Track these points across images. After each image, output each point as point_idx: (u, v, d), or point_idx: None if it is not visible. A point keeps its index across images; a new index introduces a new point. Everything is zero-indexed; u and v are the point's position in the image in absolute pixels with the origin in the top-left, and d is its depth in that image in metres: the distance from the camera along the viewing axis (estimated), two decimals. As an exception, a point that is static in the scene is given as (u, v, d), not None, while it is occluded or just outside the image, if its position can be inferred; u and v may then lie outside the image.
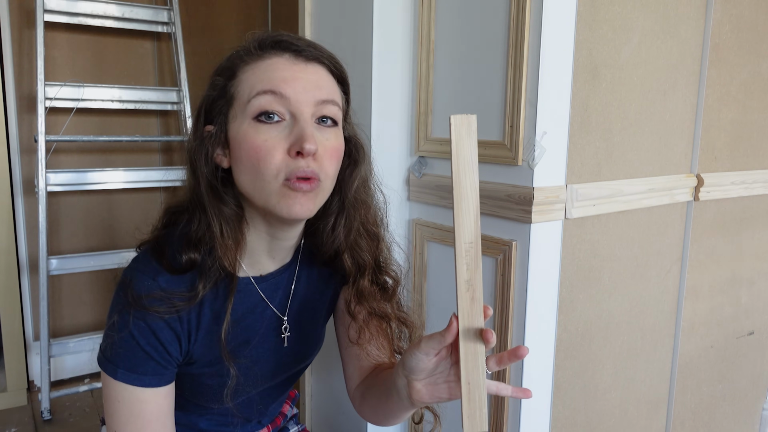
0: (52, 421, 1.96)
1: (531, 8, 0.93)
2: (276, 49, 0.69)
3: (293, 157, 0.65)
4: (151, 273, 0.70)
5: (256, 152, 0.65)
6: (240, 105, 0.67)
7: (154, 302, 0.68)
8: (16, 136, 2.09)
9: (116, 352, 0.69)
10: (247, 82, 0.67)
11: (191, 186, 0.71)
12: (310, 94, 0.67)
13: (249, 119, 0.66)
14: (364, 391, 0.84)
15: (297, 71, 0.67)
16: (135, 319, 0.69)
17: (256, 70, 0.68)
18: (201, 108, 0.71)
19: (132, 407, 0.70)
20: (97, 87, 2.11)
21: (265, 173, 0.65)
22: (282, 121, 0.66)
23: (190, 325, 0.72)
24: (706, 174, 1.30)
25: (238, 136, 0.67)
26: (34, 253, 2.13)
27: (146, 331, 0.69)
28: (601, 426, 1.20)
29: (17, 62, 2.08)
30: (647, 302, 1.25)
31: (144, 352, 0.69)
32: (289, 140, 0.65)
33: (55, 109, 2.04)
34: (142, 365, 0.70)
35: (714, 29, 1.25)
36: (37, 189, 1.91)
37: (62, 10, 2.01)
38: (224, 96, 0.69)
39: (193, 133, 0.72)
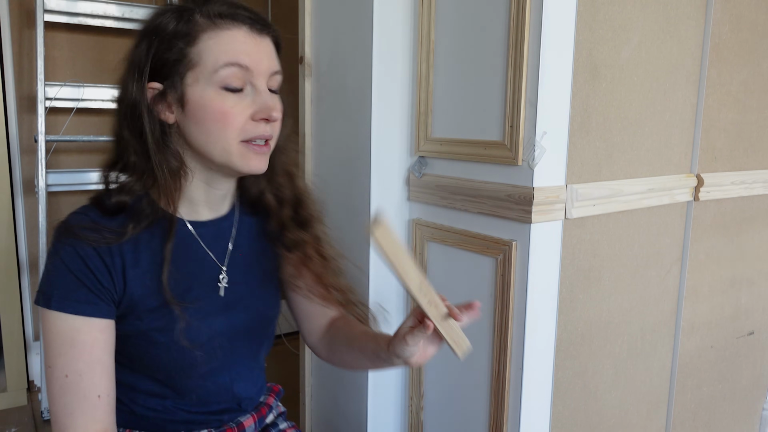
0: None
1: (531, 8, 0.93)
2: (234, 20, 0.74)
3: (256, 121, 0.75)
4: (84, 210, 0.76)
5: (224, 116, 0.73)
6: (204, 72, 0.73)
7: (84, 231, 0.73)
8: (16, 136, 2.09)
9: (49, 281, 0.72)
10: (210, 51, 0.73)
11: (130, 138, 0.75)
12: (265, 66, 0.76)
13: (215, 87, 0.73)
14: (332, 346, 0.94)
15: (254, 44, 0.75)
16: (65, 246, 0.72)
17: (219, 40, 0.73)
18: (143, 64, 0.74)
19: (65, 336, 0.72)
20: (97, 87, 2.10)
21: (228, 134, 0.74)
22: (243, 90, 0.75)
23: (123, 260, 0.76)
24: (706, 174, 1.30)
25: (201, 100, 0.73)
26: (34, 253, 2.13)
27: (75, 256, 0.73)
28: (601, 426, 1.20)
29: (17, 62, 2.08)
30: (647, 302, 1.25)
31: (75, 277, 0.72)
32: (253, 108, 0.75)
33: (55, 109, 2.04)
34: (74, 291, 0.72)
35: (714, 29, 1.25)
36: (37, 189, 1.91)
37: (62, 10, 2.01)
38: (183, 59, 0.73)
39: (133, 88, 0.74)
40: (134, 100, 0.74)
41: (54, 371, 0.73)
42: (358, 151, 1.20)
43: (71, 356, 0.72)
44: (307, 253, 0.90)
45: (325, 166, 1.32)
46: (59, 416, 0.73)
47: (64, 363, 0.72)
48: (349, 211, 1.24)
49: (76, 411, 0.73)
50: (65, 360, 0.72)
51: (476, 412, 1.11)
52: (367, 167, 1.17)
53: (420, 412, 1.25)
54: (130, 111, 0.74)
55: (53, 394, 0.73)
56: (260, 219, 0.91)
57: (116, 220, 0.75)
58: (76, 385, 0.72)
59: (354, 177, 1.22)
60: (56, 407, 0.73)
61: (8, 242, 2.00)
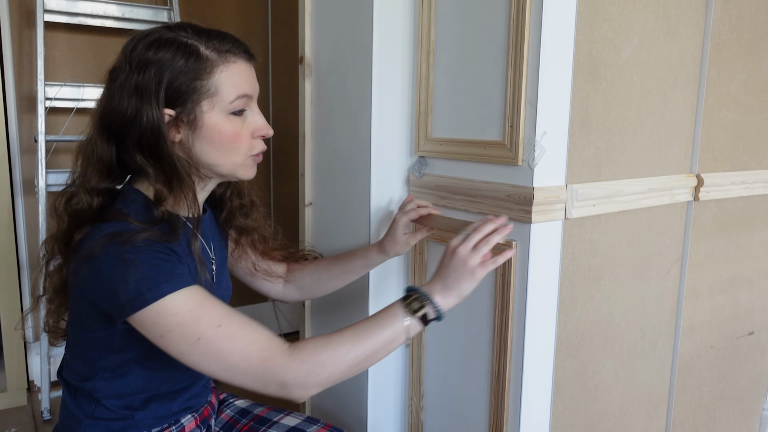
0: (52, 421, 1.96)
1: (531, 8, 0.93)
2: (237, 51, 0.86)
3: (255, 138, 0.89)
4: (122, 225, 0.80)
5: (236, 137, 0.86)
6: (220, 101, 0.84)
7: (138, 235, 0.78)
8: (16, 136, 2.09)
9: (143, 277, 0.75)
10: (224, 84, 0.84)
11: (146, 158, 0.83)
12: (257, 90, 0.90)
13: (227, 113, 0.85)
14: (304, 284, 1.15)
15: (251, 73, 0.89)
16: (145, 247, 0.77)
17: (232, 73, 0.85)
18: (156, 93, 0.81)
19: (192, 304, 0.76)
20: (97, 87, 2.10)
21: (239, 152, 0.87)
22: (244, 112, 0.87)
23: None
24: (706, 174, 1.30)
25: (216, 125, 0.85)
26: (34, 253, 2.13)
27: (153, 248, 0.78)
28: (601, 426, 1.20)
29: (17, 62, 2.08)
30: (647, 302, 1.25)
31: (167, 262, 0.78)
32: (253, 127, 0.88)
33: (55, 109, 2.04)
34: (172, 268, 0.77)
35: (714, 29, 1.25)
36: (37, 189, 1.91)
37: (62, 10, 2.01)
38: (199, 90, 0.83)
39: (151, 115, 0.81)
40: (154, 125, 0.81)
41: (206, 335, 0.76)
42: (358, 151, 1.20)
43: (207, 312, 0.77)
44: (253, 236, 1.08)
45: (325, 166, 1.32)
46: (246, 354, 0.76)
47: (207, 321, 0.76)
48: (349, 211, 1.24)
49: (251, 335, 0.78)
50: (206, 318, 0.76)
51: (476, 412, 1.11)
52: (367, 167, 1.17)
53: (420, 412, 1.25)
54: (149, 135, 0.81)
55: (223, 349, 0.76)
56: (215, 211, 1.05)
57: (155, 228, 0.81)
58: (232, 322, 0.77)
59: (354, 177, 1.22)
60: (236, 354, 0.76)
61: (8, 242, 2.00)
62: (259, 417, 1.08)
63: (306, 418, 1.08)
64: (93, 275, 0.77)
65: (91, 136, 0.87)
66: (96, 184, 0.84)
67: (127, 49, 0.83)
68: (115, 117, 0.82)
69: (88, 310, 0.83)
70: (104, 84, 0.86)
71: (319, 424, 1.07)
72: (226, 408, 1.12)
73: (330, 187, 1.31)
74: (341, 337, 0.81)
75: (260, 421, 1.07)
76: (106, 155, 0.84)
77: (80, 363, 0.89)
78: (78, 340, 0.89)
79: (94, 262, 0.76)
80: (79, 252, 0.80)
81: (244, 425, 1.07)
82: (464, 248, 0.87)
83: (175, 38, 0.83)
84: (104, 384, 0.88)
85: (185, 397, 0.95)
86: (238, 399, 1.14)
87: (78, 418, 0.90)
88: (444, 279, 0.87)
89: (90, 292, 0.79)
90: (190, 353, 0.76)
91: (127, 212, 0.82)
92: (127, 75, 0.82)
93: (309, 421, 1.08)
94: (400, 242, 1.09)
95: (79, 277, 0.80)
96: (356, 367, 0.82)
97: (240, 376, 0.77)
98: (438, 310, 0.85)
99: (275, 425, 1.06)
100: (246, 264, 1.12)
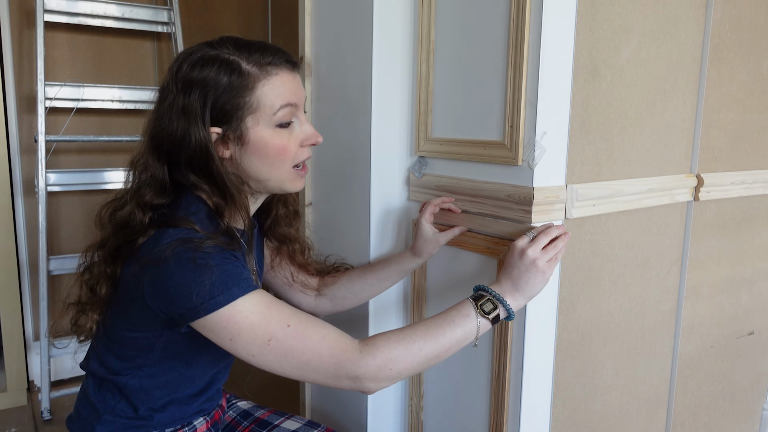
0: (52, 421, 1.96)
1: (531, 8, 0.93)
2: (278, 62, 0.86)
3: (303, 147, 0.89)
4: (188, 233, 0.81)
5: (283, 150, 0.86)
6: (264, 115, 0.84)
7: (205, 242, 0.80)
8: (16, 136, 2.09)
9: (214, 282, 0.76)
10: (267, 97, 0.84)
11: (199, 176, 0.85)
12: (303, 98, 0.90)
13: (272, 126, 0.85)
14: (338, 295, 1.12)
15: (295, 82, 0.88)
16: (215, 253, 0.79)
17: (273, 86, 0.85)
18: (202, 113, 0.82)
19: (261, 306, 0.78)
20: (97, 87, 2.11)
21: (283, 165, 0.88)
22: (291, 123, 0.88)
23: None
24: (706, 174, 1.30)
25: (263, 139, 0.85)
26: (34, 254, 2.13)
27: (223, 255, 0.80)
28: (601, 426, 1.21)
29: (17, 62, 2.09)
30: (647, 302, 1.25)
31: (236, 267, 0.80)
32: (301, 137, 0.89)
33: (55, 109, 2.04)
34: (243, 273, 0.80)
35: (714, 29, 1.25)
36: (37, 189, 1.91)
37: (62, 10, 2.01)
38: (243, 106, 0.83)
39: (199, 135, 0.82)
40: (202, 145, 0.82)
41: (276, 335, 0.77)
42: (358, 151, 1.20)
43: (276, 313, 0.79)
44: (293, 246, 1.08)
45: (325, 166, 1.32)
46: (318, 351, 0.78)
47: (276, 322, 0.78)
48: (349, 210, 1.24)
49: (321, 332, 0.79)
50: (276, 319, 0.78)
51: (476, 412, 1.11)
52: (367, 167, 1.17)
53: (420, 412, 1.25)
54: (198, 155, 0.83)
55: (294, 348, 0.78)
56: (259, 219, 1.05)
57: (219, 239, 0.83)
58: (301, 321, 0.79)
59: (354, 177, 1.22)
60: (308, 352, 0.78)
61: (8, 242, 2.00)
62: (260, 420, 1.08)
63: (307, 422, 1.09)
64: (161, 278, 0.78)
65: (142, 154, 0.88)
66: (150, 200, 0.86)
67: (173, 69, 0.85)
68: (165, 138, 0.84)
69: (141, 312, 0.83)
70: (154, 103, 0.88)
71: (320, 428, 1.07)
72: (229, 409, 1.12)
73: (330, 187, 1.31)
74: (413, 334, 0.82)
75: (261, 424, 1.07)
76: (159, 174, 0.86)
77: (114, 358, 0.91)
78: (118, 337, 0.90)
79: (162, 266, 0.77)
80: (143, 254, 0.81)
81: (245, 428, 1.08)
82: (534, 250, 0.88)
83: (217, 56, 0.83)
84: (137, 382, 0.90)
85: (201, 400, 0.97)
86: (240, 400, 1.15)
87: (98, 412, 0.91)
88: (514, 280, 0.88)
89: (153, 294, 0.79)
90: (262, 354, 0.78)
91: (193, 220, 0.83)
92: (174, 96, 0.83)
93: (309, 425, 1.08)
94: (431, 241, 1.07)
95: (141, 279, 0.80)
96: (426, 363, 0.83)
97: (312, 372, 0.78)
98: (509, 310, 0.87)
99: (276, 429, 1.07)
100: (284, 274, 1.11)
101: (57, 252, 2.19)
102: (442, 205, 1.10)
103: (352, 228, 1.24)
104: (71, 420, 0.96)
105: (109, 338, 0.92)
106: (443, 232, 1.08)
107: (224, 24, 2.47)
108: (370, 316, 1.22)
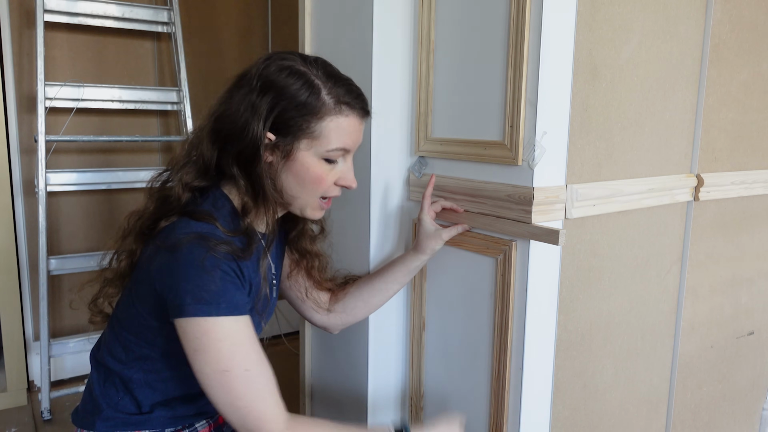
0: (52, 421, 1.96)
1: (531, 8, 0.93)
2: (355, 105, 0.88)
3: (338, 185, 0.92)
4: (210, 229, 0.83)
5: (319, 180, 0.89)
6: (319, 145, 0.87)
7: (221, 245, 0.81)
8: (16, 136, 2.09)
9: (211, 290, 0.78)
10: (331, 133, 0.87)
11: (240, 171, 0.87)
12: (357, 144, 0.92)
13: (320, 157, 0.88)
14: (348, 307, 1.12)
15: (360, 130, 0.91)
16: (223, 261, 0.80)
17: (339, 125, 0.87)
18: (267, 116, 0.85)
19: (235, 337, 0.79)
20: (97, 87, 2.11)
21: (313, 193, 0.90)
22: (337, 161, 0.90)
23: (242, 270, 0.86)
24: (706, 174, 1.30)
25: (305, 162, 0.88)
26: (34, 253, 2.13)
27: (232, 268, 0.82)
28: (601, 426, 1.21)
29: (17, 62, 2.09)
30: (647, 302, 1.25)
31: (234, 285, 0.81)
32: (338, 176, 0.91)
33: (55, 109, 2.04)
34: (235, 296, 0.80)
35: (714, 29, 1.25)
36: (37, 189, 1.91)
37: (62, 10, 2.01)
38: (304, 129, 0.86)
39: (255, 132, 0.85)
40: (254, 143, 0.85)
41: (232, 371, 0.79)
42: (358, 151, 1.20)
43: (244, 352, 0.80)
44: (313, 263, 1.08)
45: (325, 166, 1.32)
46: (252, 407, 0.79)
47: (240, 360, 0.79)
48: (349, 210, 1.24)
49: (265, 394, 0.81)
50: (241, 357, 0.79)
51: (476, 412, 1.11)
52: (367, 167, 1.17)
53: (420, 412, 1.25)
54: (247, 151, 0.85)
55: (238, 391, 0.79)
56: (282, 228, 1.06)
57: (236, 238, 0.85)
58: (258, 374, 0.80)
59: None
60: (245, 401, 0.79)
61: (8, 242, 2.00)
62: None
63: None
64: (167, 265, 0.80)
65: (201, 132, 0.90)
66: (190, 180, 0.88)
67: (260, 65, 0.87)
68: (226, 123, 0.86)
69: (148, 296, 0.85)
70: (229, 86, 0.89)
71: None
72: None
73: (330, 187, 1.31)
74: None
75: None
76: (208, 155, 0.88)
77: (120, 347, 0.92)
78: (124, 324, 0.91)
79: (174, 253, 0.79)
80: (160, 238, 0.84)
81: None
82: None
83: (305, 73, 0.86)
84: (141, 376, 0.91)
85: (203, 401, 0.96)
86: None
87: (99, 407, 0.92)
88: None
89: (158, 279, 0.82)
90: (210, 377, 0.79)
91: (216, 216, 0.86)
92: (250, 88, 0.86)
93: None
94: (433, 236, 1.08)
95: (152, 262, 0.83)
96: None
97: (234, 417, 0.80)
98: None
99: None
100: (299, 288, 1.12)
101: (57, 252, 2.19)
102: (444, 204, 1.10)
103: (352, 228, 1.24)
104: (76, 413, 0.97)
105: (120, 324, 0.93)
106: (446, 228, 1.09)
107: (224, 24, 2.47)
108: (371, 316, 1.22)
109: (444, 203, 1.10)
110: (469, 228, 1.08)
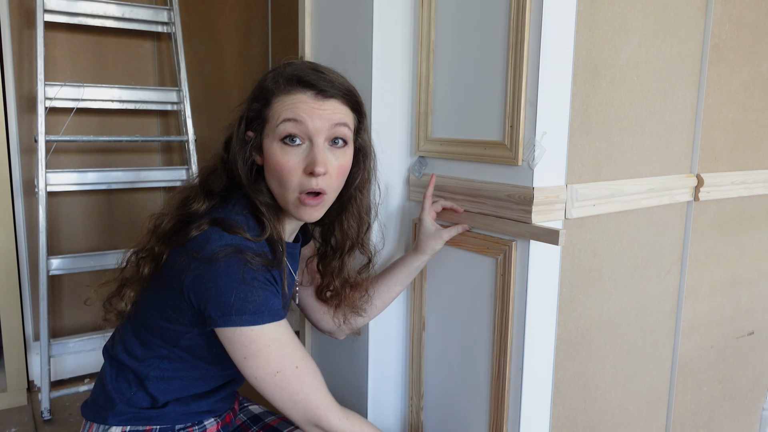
0: (52, 421, 1.96)
1: (531, 8, 0.93)
2: (302, 86, 0.86)
3: (307, 175, 0.86)
4: (243, 241, 0.85)
5: (281, 169, 0.86)
6: (271, 127, 0.87)
7: (255, 258, 0.84)
8: (16, 136, 2.09)
9: (254, 301, 0.81)
10: (275, 110, 0.87)
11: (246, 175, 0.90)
12: (325, 121, 0.86)
13: (277, 140, 0.86)
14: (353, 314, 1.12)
15: (316, 107, 0.86)
16: (260, 274, 0.83)
17: (284, 102, 0.86)
18: (242, 119, 0.90)
19: (281, 339, 0.83)
20: (97, 87, 2.10)
21: (287, 186, 0.87)
22: (302, 144, 0.86)
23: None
24: (706, 174, 1.30)
25: (269, 152, 0.88)
26: (34, 253, 2.13)
27: (268, 276, 0.85)
28: (601, 426, 1.21)
29: (17, 62, 2.08)
30: (647, 302, 1.25)
31: (272, 293, 0.84)
32: (305, 162, 0.86)
33: (55, 109, 2.04)
34: (275, 302, 0.84)
35: (714, 29, 1.25)
36: (37, 189, 1.91)
37: (62, 10, 2.01)
38: (260, 117, 0.89)
39: (239, 131, 0.90)
40: (242, 142, 0.90)
41: (285, 371, 0.84)
42: (358, 151, 1.20)
43: (291, 351, 0.84)
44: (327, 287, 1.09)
45: (325, 166, 1.32)
46: (309, 399, 0.85)
47: (289, 359, 0.84)
48: (349, 211, 1.25)
49: (319, 385, 0.86)
50: (289, 357, 0.84)
51: (476, 412, 1.11)
52: (367, 167, 1.17)
53: (420, 412, 1.25)
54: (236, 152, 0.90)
55: (293, 387, 0.84)
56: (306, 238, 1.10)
57: (261, 246, 0.88)
58: (307, 368, 0.85)
59: (354, 177, 1.22)
60: (302, 395, 0.85)
61: (8, 242, 2.00)
62: (269, 426, 1.09)
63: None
64: (207, 277, 0.81)
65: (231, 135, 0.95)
66: (209, 185, 0.93)
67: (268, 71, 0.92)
68: (230, 129, 0.93)
69: (176, 303, 0.86)
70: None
71: None
72: (240, 411, 1.13)
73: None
74: None
75: (270, 431, 1.08)
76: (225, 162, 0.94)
77: (138, 344, 0.93)
78: (148, 323, 0.92)
79: (213, 266, 0.81)
80: (193, 248, 0.84)
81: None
82: None
83: (274, 70, 0.90)
84: (156, 373, 0.92)
85: (214, 399, 0.98)
86: (252, 404, 1.15)
87: (113, 402, 0.93)
88: None
89: (193, 289, 0.82)
90: (265, 380, 0.83)
91: (245, 227, 0.88)
92: (249, 98, 0.92)
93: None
94: (434, 236, 1.09)
95: (185, 271, 0.83)
96: None
97: (295, 411, 0.85)
98: None
99: None
100: (308, 301, 1.14)
101: (57, 252, 2.19)
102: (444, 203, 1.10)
103: (352, 228, 1.24)
104: (86, 406, 0.98)
105: (139, 322, 0.93)
106: (446, 229, 1.09)
107: (224, 24, 2.47)
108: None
109: (444, 203, 1.10)
110: (469, 228, 1.08)
